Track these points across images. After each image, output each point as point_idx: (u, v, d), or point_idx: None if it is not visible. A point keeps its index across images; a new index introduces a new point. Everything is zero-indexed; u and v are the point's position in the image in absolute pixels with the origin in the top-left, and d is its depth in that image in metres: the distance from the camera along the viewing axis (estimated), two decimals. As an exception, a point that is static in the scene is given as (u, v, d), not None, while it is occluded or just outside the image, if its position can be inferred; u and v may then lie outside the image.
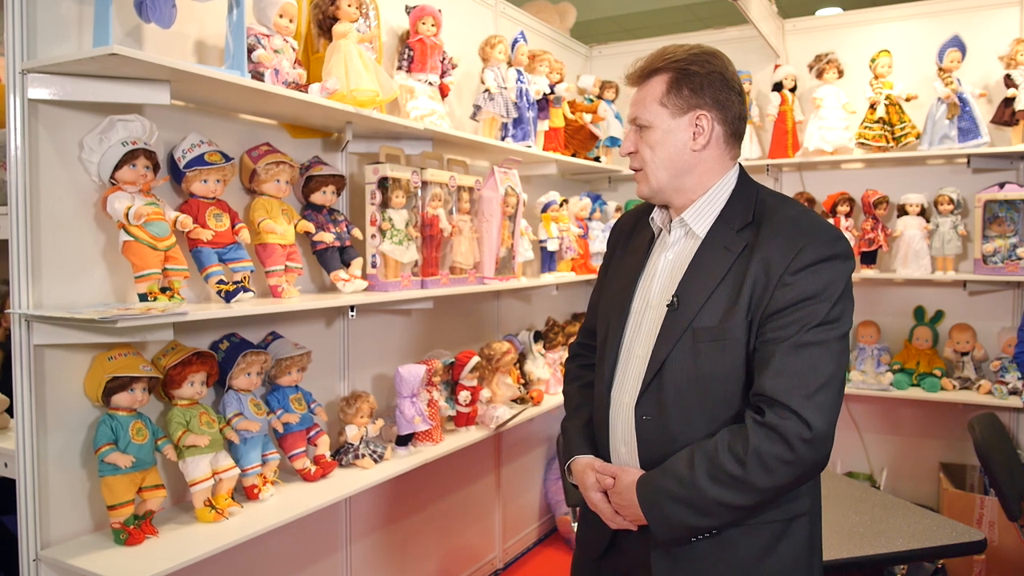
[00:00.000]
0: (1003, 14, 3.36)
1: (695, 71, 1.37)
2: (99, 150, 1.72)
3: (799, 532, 1.36)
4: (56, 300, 1.68)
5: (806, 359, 1.22)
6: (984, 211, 3.28)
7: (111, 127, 1.72)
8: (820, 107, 3.51)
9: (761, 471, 1.22)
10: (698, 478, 1.25)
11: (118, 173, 1.73)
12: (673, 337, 1.33)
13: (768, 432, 1.21)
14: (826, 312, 1.24)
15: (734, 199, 1.40)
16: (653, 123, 1.39)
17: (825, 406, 1.22)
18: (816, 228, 1.30)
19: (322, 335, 2.44)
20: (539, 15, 3.78)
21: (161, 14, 1.67)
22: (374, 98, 2.16)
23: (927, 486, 3.56)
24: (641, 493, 1.33)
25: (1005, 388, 3.22)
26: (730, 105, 1.39)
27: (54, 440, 1.69)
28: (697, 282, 1.34)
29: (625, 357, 1.43)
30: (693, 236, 1.41)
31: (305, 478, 2.17)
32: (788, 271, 1.26)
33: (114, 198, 1.72)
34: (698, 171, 1.40)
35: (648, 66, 1.41)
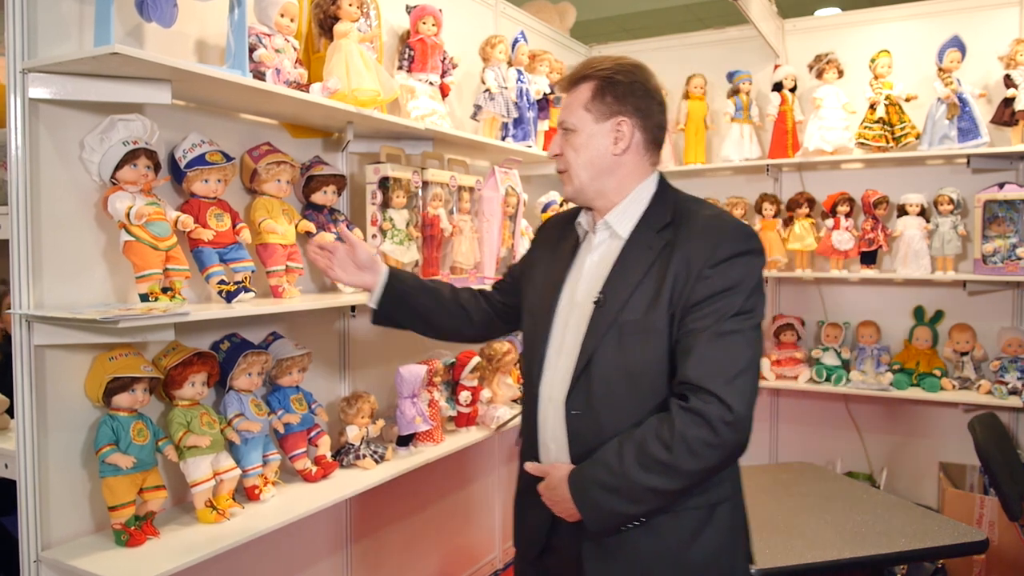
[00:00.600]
0: (1003, 14, 3.36)
1: (619, 80, 1.47)
2: (100, 150, 1.71)
3: (723, 518, 1.43)
4: (57, 300, 1.68)
5: (725, 347, 1.31)
6: (984, 211, 3.28)
7: (112, 127, 1.72)
8: (820, 107, 3.50)
9: (687, 455, 1.28)
10: (627, 466, 1.31)
11: (119, 173, 1.72)
12: (600, 332, 1.40)
13: (692, 416, 1.28)
14: (741, 303, 1.33)
15: (655, 203, 1.49)
16: (577, 127, 1.48)
17: (745, 390, 1.29)
18: (731, 226, 1.41)
19: (323, 335, 2.44)
20: (539, 15, 3.77)
21: (162, 13, 1.67)
22: (375, 98, 2.16)
23: (927, 486, 3.56)
24: (573, 486, 1.37)
25: (1005, 388, 3.22)
26: (651, 114, 1.49)
27: (55, 441, 1.69)
28: (621, 279, 1.42)
29: (553, 354, 1.49)
30: (617, 237, 1.49)
31: (306, 479, 2.16)
32: (707, 265, 1.34)
33: (115, 198, 1.71)
34: (619, 174, 1.49)
35: (576, 74, 1.51)
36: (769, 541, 1.96)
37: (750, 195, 3.79)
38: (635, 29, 6.93)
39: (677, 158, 3.92)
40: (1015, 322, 3.39)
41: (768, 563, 1.83)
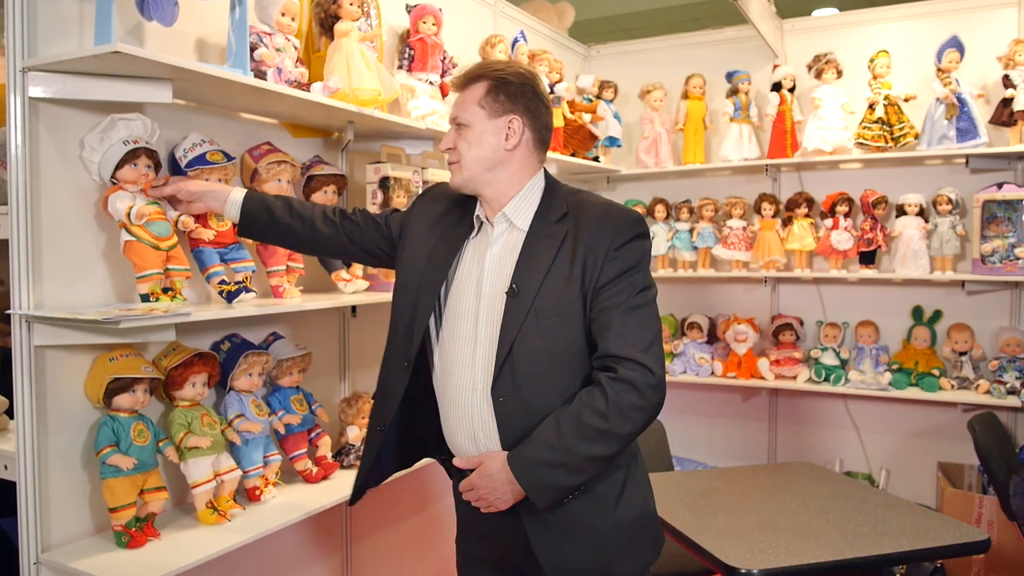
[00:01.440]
0: (1001, 14, 3.37)
1: (511, 81, 1.56)
2: (100, 149, 1.69)
3: (636, 471, 1.59)
4: (57, 301, 1.67)
5: (638, 319, 1.45)
6: (982, 211, 3.29)
7: (112, 126, 1.70)
8: (819, 107, 3.51)
9: (622, 420, 1.41)
10: (568, 440, 1.41)
11: (119, 172, 1.71)
12: (518, 320, 1.47)
13: (623, 385, 1.41)
14: (643, 279, 1.49)
15: (547, 196, 1.59)
16: (471, 122, 1.56)
17: (658, 355, 1.45)
18: (624, 213, 1.54)
19: (323, 335, 2.43)
20: (537, 14, 3.77)
21: (163, 12, 1.66)
22: (376, 97, 2.15)
23: (925, 486, 3.57)
24: (515, 469, 1.44)
25: (1003, 388, 3.22)
26: (539, 115, 1.59)
27: (55, 442, 1.68)
28: (531, 268, 1.50)
29: (465, 347, 1.55)
30: (516, 229, 1.57)
31: (307, 479, 2.16)
32: (611, 248, 1.47)
33: (115, 197, 1.70)
34: (510, 168, 1.57)
35: (471, 73, 1.59)
36: (771, 541, 1.96)
37: (749, 195, 3.79)
38: (632, 29, 6.93)
39: (676, 158, 3.92)
40: (1013, 322, 3.40)
41: (770, 563, 1.82)
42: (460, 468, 1.56)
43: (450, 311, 1.59)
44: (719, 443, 4.06)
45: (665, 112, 3.88)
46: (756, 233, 3.72)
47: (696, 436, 4.07)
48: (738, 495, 2.40)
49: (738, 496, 2.39)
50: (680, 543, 2.05)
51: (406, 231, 1.72)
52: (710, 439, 4.07)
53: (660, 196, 3.95)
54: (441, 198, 1.72)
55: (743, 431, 4.01)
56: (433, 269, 1.61)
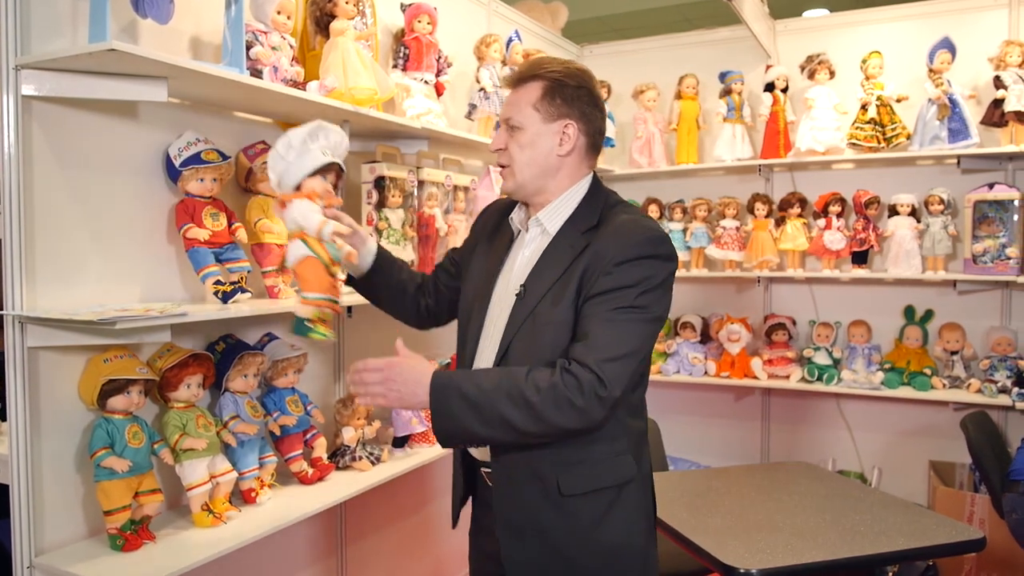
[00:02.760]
0: (992, 16, 3.39)
1: (569, 83, 1.50)
2: (299, 150, 1.56)
3: (631, 497, 1.50)
4: (50, 302, 1.65)
5: (610, 332, 1.38)
6: (974, 211, 3.31)
7: (318, 131, 1.59)
8: (812, 108, 3.52)
9: (552, 405, 1.34)
10: (495, 392, 1.37)
11: (307, 181, 1.55)
12: (517, 323, 1.47)
13: (569, 378, 1.35)
14: (634, 298, 1.40)
15: (584, 204, 1.54)
16: (524, 125, 1.51)
17: (620, 375, 1.36)
18: (644, 230, 1.46)
19: (318, 336, 2.41)
20: (531, 14, 3.77)
21: (159, 10, 1.64)
22: (372, 96, 2.14)
23: (917, 484, 3.58)
24: (435, 383, 1.41)
25: (994, 386, 3.24)
26: (594, 120, 1.54)
27: (48, 444, 1.66)
28: (542, 274, 1.48)
29: (483, 343, 1.56)
30: (546, 234, 1.54)
31: (302, 481, 2.14)
32: (612, 262, 1.41)
33: (303, 207, 1.53)
34: (559, 175, 1.54)
35: (525, 72, 1.53)
36: (769, 540, 1.96)
37: (742, 195, 3.80)
38: (624, 29, 6.94)
39: (669, 158, 3.92)
40: (1004, 321, 3.42)
41: (769, 563, 1.82)
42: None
43: (488, 313, 1.58)
44: (712, 443, 4.06)
45: (658, 112, 3.89)
46: (749, 233, 3.73)
47: (689, 436, 4.07)
48: (735, 495, 2.40)
49: (735, 496, 2.39)
50: (678, 543, 2.05)
51: (465, 258, 1.73)
52: (703, 439, 4.08)
53: (653, 196, 3.96)
54: (492, 212, 1.73)
55: (736, 431, 4.02)
56: (483, 283, 1.60)
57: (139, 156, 1.85)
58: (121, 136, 1.81)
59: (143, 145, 1.86)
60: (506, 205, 1.69)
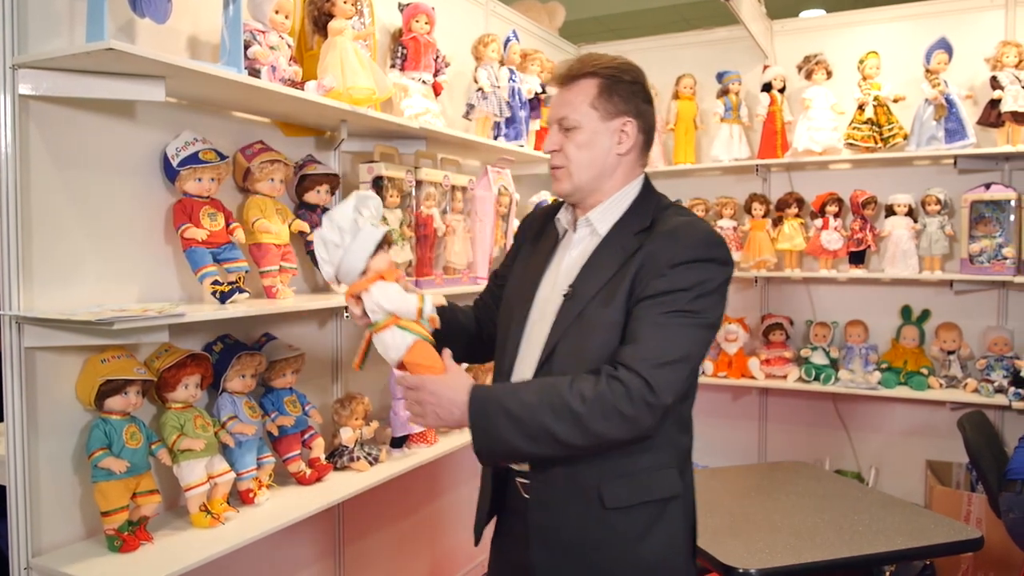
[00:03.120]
0: (988, 16, 3.40)
1: (624, 79, 1.46)
2: (351, 231, 1.41)
3: (674, 514, 1.45)
4: (47, 302, 1.64)
5: (661, 336, 1.33)
6: (970, 211, 3.32)
7: (361, 204, 1.45)
8: (809, 108, 3.53)
9: (599, 415, 1.29)
10: (539, 404, 1.31)
11: (371, 262, 1.43)
12: (565, 324, 1.42)
13: (617, 385, 1.30)
14: (688, 302, 1.35)
15: (636, 205, 1.50)
16: (582, 124, 1.46)
17: (672, 381, 1.32)
18: (698, 233, 1.41)
19: (315, 336, 2.41)
20: (528, 14, 3.76)
21: (156, 9, 1.64)
22: (370, 96, 2.13)
23: (914, 484, 3.59)
24: (474, 399, 1.35)
25: (991, 386, 3.25)
26: (649, 116, 1.51)
27: (45, 445, 1.65)
28: (592, 275, 1.43)
29: (525, 345, 1.50)
30: (595, 234, 1.49)
31: (300, 481, 2.14)
32: (667, 264, 1.36)
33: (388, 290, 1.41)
34: (616, 174, 1.49)
35: (577, 69, 1.47)
36: (768, 540, 1.96)
37: (739, 195, 3.81)
38: (620, 29, 6.94)
39: (667, 158, 3.92)
40: (1001, 321, 3.43)
41: (768, 563, 1.83)
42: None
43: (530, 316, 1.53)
44: (709, 442, 4.05)
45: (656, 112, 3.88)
46: (746, 233, 3.73)
47: (687, 436, 4.07)
48: (734, 495, 2.41)
49: (734, 495, 2.40)
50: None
51: (510, 261, 1.70)
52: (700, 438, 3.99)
53: (651, 196, 3.96)
54: (535, 217, 1.70)
55: (733, 430, 4.02)
56: (527, 285, 1.56)
57: (136, 156, 1.84)
58: (118, 136, 1.80)
59: (140, 145, 1.85)
60: (550, 209, 1.65)
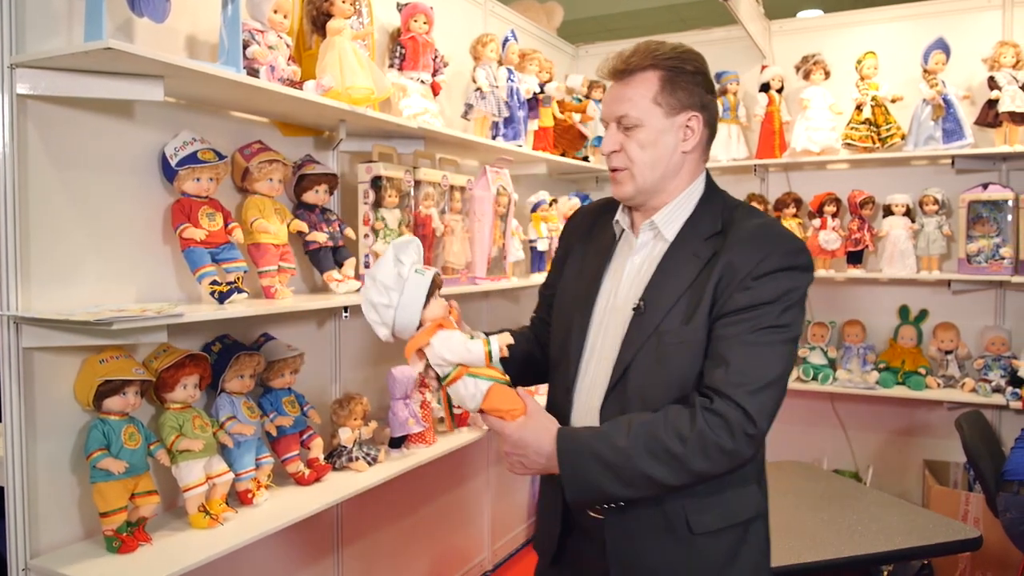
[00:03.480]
0: (986, 17, 3.41)
1: (687, 69, 1.36)
2: (398, 287, 1.35)
3: (757, 535, 1.38)
4: (46, 302, 1.63)
5: (754, 357, 1.25)
6: (968, 211, 3.33)
7: (400, 254, 1.38)
8: (807, 108, 3.53)
9: (700, 454, 1.22)
10: (633, 447, 1.24)
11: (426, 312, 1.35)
12: (639, 340, 1.32)
13: (716, 419, 1.22)
14: (776, 316, 1.26)
15: (702, 206, 1.40)
16: (645, 122, 1.35)
17: (768, 407, 1.24)
18: (782, 238, 1.33)
19: (314, 336, 2.41)
20: (526, 14, 3.76)
21: (155, 8, 1.63)
22: (369, 96, 2.13)
23: (911, 483, 3.60)
24: (562, 447, 1.28)
25: (988, 386, 3.26)
26: (713, 109, 1.40)
27: (43, 446, 1.64)
28: (665, 286, 1.34)
29: (588, 360, 1.42)
30: (662, 239, 1.40)
31: (299, 482, 2.13)
32: (750, 276, 1.27)
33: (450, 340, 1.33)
34: (681, 174, 1.40)
35: (639, 61, 1.36)
36: (766, 541, 1.96)
37: (737, 195, 3.70)
38: (618, 29, 6.95)
39: (665, 158, 3.91)
40: (998, 321, 3.44)
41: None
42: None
43: (590, 326, 1.43)
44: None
45: (654, 112, 3.88)
46: (744, 233, 3.72)
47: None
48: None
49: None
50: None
51: (559, 265, 1.60)
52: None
53: (649, 196, 3.96)
54: (582, 216, 1.62)
55: (731, 430, 4.01)
56: (583, 289, 1.46)
57: (135, 156, 1.84)
58: (117, 135, 1.80)
59: (139, 145, 1.84)
60: (597, 208, 1.56)
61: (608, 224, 1.50)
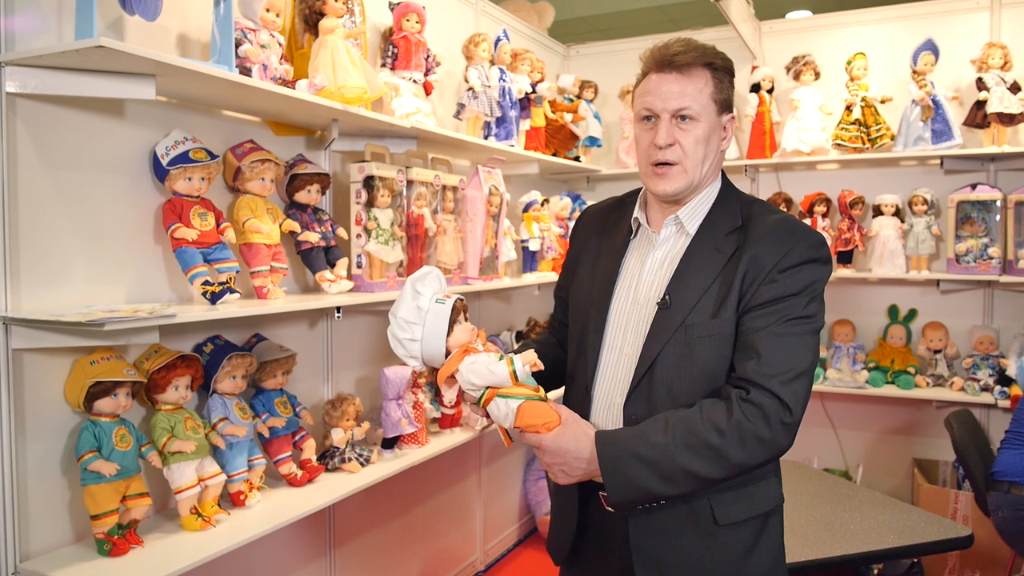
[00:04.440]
0: (974, 18, 3.43)
1: (731, 72, 1.40)
2: (420, 320, 1.37)
3: (775, 526, 1.41)
4: (35, 303, 1.62)
5: (785, 348, 1.27)
6: (957, 211, 3.35)
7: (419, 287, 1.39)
8: (797, 108, 3.55)
9: (738, 445, 1.24)
10: (673, 444, 1.25)
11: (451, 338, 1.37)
12: (665, 335, 1.33)
13: (753, 408, 1.24)
14: (803, 307, 1.30)
15: (720, 201, 1.43)
16: (703, 117, 1.36)
17: (800, 394, 1.26)
18: (803, 232, 1.35)
19: (306, 337, 2.39)
20: (518, 14, 3.76)
21: (146, 6, 1.61)
22: (362, 95, 2.12)
23: (901, 482, 3.62)
24: (603, 450, 1.29)
25: (977, 385, 3.29)
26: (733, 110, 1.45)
27: (33, 448, 1.63)
28: (690, 281, 1.35)
29: (610, 356, 1.42)
30: (684, 234, 1.42)
31: (291, 483, 2.12)
32: (776, 269, 1.30)
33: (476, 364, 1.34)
34: (714, 171, 1.44)
35: (697, 57, 1.36)
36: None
37: (728, 195, 3.80)
38: (607, 29, 6.95)
39: (656, 158, 3.92)
40: (987, 320, 3.47)
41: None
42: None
43: (608, 320, 1.44)
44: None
45: (645, 112, 3.89)
46: (735, 233, 3.74)
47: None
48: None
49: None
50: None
51: (572, 264, 1.61)
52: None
53: (640, 196, 3.96)
54: (592, 214, 1.62)
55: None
56: (599, 286, 1.47)
57: (125, 155, 1.82)
58: (107, 135, 1.78)
59: (129, 144, 1.83)
60: (605, 207, 1.58)
61: (619, 222, 1.51)
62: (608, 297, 1.45)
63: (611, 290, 1.45)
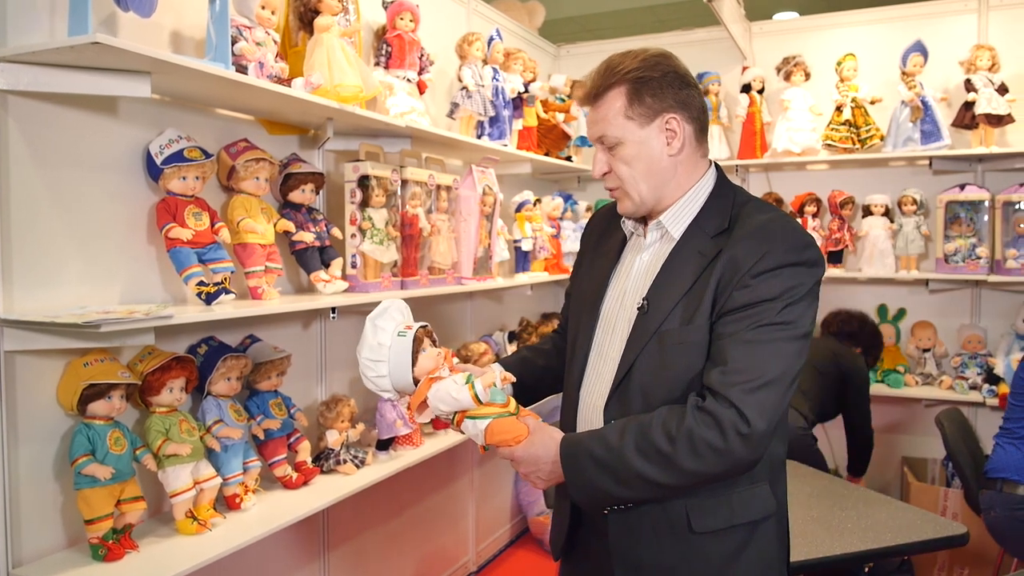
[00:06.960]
0: (962, 20, 3.47)
1: (651, 76, 1.34)
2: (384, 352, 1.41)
3: (767, 533, 1.36)
4: (28, 304, 1.59)
5: (752, 355, 1.22)
6: (945, 212, 3.38)
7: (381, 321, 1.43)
8: (788, 109, 3.57)
9: (689, 453, 1.20)
10: (625, 448, 1.24)
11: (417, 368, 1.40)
12: (641, 341, 1.32)
13: (705, 417, 1.20)
14: (777, 312, 1.23)
15: (711, 202, 1.38)
16: (623, 138, 1.35)
17: (766, 405, 1.20)
18: (785, 234, 1.29)
19: (300, 337, 2.37)
20: (508, 13, 3.75)
21: (141, 3, 1.59)
22: (358, 94, 2.10)
23: (890, 479, 3.65)
24: (565, 451, 1.31)
25: (965, 383, 3.32)
26: (692, 101, 1.37)
27: (26, 452, 1.60)
28: (668, 286, 1.33)
29: (596, 358, 1.42)
30: (669, 238, 1.39)
31: (287, 485, 2.10)
32: (750, 273, 1.25)
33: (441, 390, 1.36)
34: (677, 176, 1.38)
35: (602, 83, 1.37)
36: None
37: (719, 195, 3.81)
38: (597, 30, 6.96)
39: (647, 158, 3.93)
40: (975, 319, 3.50)
41: (759, 561, 1.83)
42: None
43: (598, 326, 1.44)
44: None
45: (636, 112, 3.89)
46: (726, 233, 3.75)
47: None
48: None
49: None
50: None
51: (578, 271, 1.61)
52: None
53: (631, 196, 3.97)
54: (597, 219, 1.62)
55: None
56: (593, 288, 1.47)
57: (119, 154, 1.79)
58: (100, 133, 1.75)
59: (123, 142, 1.80)
60: (611, 209, 1.56)
61: (619, 225, 1.50)
62: (600, 299, 1.45)
63: (603, 292, 1.45)
